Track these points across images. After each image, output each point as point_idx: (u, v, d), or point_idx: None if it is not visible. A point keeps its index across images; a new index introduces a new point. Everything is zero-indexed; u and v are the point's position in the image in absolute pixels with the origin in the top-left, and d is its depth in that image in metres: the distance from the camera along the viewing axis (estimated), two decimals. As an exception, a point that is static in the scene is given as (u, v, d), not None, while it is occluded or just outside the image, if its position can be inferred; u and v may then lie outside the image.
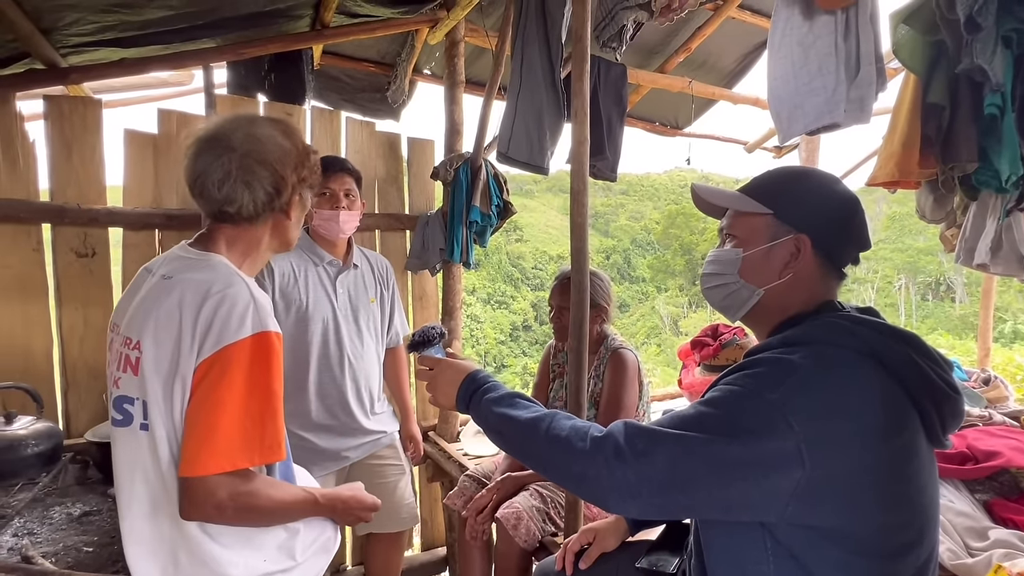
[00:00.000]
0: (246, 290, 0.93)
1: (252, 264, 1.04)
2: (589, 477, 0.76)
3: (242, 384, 0.88)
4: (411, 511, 1.95)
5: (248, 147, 0.96)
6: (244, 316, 0.89)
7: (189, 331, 0.89)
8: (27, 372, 1.94)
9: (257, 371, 0.89)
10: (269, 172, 0.98)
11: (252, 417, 0.88)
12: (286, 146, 1.00)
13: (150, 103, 2.55)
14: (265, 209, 0.99)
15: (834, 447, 0.71)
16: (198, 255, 0.98)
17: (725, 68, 3.21)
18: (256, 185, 0.97)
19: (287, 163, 0.99)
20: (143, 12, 1.68)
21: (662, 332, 28.36)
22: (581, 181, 1.41)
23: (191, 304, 0.90)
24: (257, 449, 0.89)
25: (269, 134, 0.99)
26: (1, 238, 1.92)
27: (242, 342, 0.88)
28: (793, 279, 0.86)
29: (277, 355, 0.92)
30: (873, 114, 1.16)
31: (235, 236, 1.01)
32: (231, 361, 0.87)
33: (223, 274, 0.94)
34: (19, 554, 1.32)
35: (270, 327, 0.92)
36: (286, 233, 1.06)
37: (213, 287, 0.91)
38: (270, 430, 0.90)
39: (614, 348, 1.83)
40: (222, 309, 0.89)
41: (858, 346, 0.77)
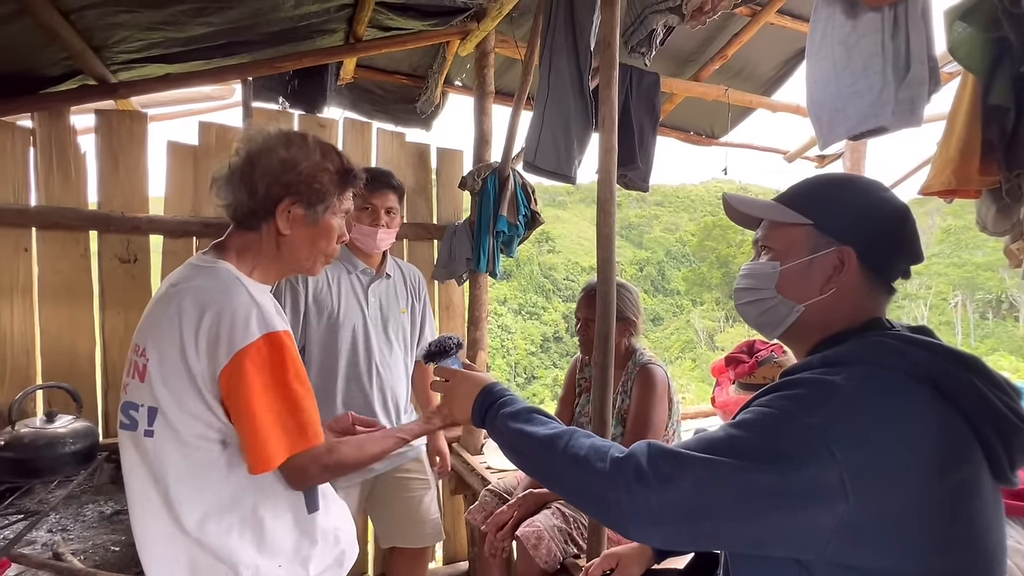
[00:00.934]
0: (246, 295, 0.93)
1: (263, 273, 1.03)
2: (609, 501, 0.71)
3: (263, 384, 0.89)
4: (436, 527, 1.91)
5: (242, 147, 1.00)
6: (248, 320, 0.90)
7: (191, 339, 0.89)
8: (71, 372, 2.03)
9: (276, 368, 0.91)
10: (249, 172, 0.98)
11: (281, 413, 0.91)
12: (276, 151, 0.99)
13: (193, 116, 2.67)
14: (252, 214, 0.99)
15: (882, 480, 0.64)
16: (207, 262, 0.99)
17: (763, 75, 3.11)
18: (236, 184, 0.98)
19: (266, 167, 0.98)
20: (186, 29, 1.75)
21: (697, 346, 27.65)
22: (608, 191, 1.37)
23: (190, 312, 0.90)
24: (298, 437, 0.93)
25: (274, 141, 1.00)
26: (53, 244, 2.02)
27: (252, 346, 0.89)
28: (836, 294, 0.79)
29: (290, 351, 0.93)
30: (925, 118, 1.07)
31: (244, 244, 1.01)
32: (246, 365, 0.88)
33: (223, 280, 0.94)
34: (51, 550, 1.36)
35: (277, 327, 0.93)
36: (293, 250, 1.02)
37: (212, 295, 0.92)
38: (301, 422, 0.93)
39: (643, 363, 1.76)
40: (226, 318, 0.89)
41: (911, 369, 0.70)
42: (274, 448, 0.90)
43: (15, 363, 1.99)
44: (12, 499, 1.55)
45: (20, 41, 1.61)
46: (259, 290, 0.98)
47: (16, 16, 1.47)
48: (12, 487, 1.56)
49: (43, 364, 2.03)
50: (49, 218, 2.00)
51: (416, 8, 2.14)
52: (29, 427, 1.62)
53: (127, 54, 1.85)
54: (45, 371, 2.03)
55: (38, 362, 2.03)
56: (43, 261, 2.01)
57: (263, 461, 0.90)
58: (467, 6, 2.19)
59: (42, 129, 2.00)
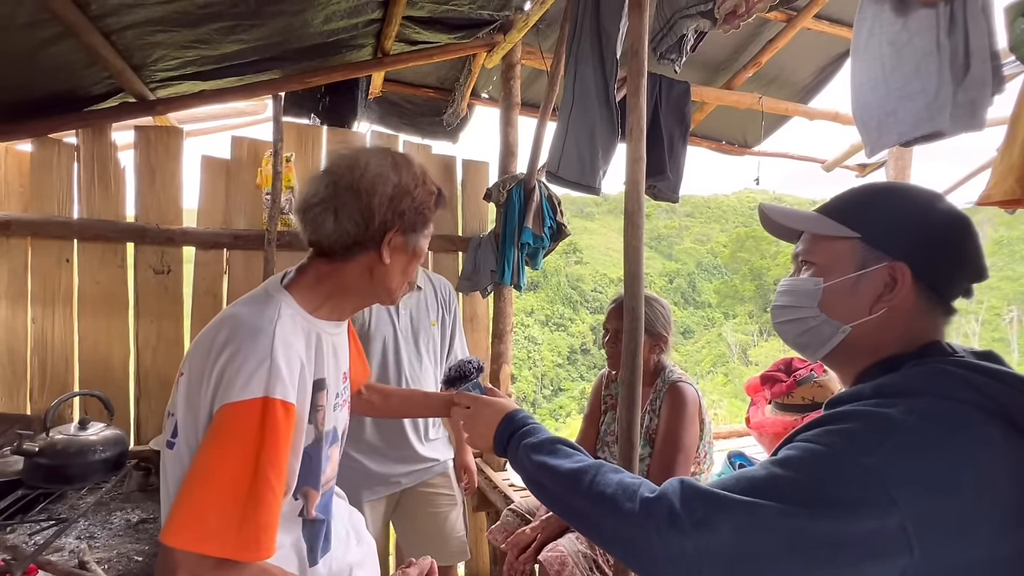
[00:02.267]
0: (267, 346, 0.81)
1: (335, 308, 0.94)
2: (639, 546, 0.65)
3: (233, 456, 0.76)
4: (461, 545, 1.87)
5: (343, 173, 0.89)
6: (252, 375, 0.79)
7: (209, 371, 0.82)
8: (106, 380, 2.09)
9: (253, 446, 0.77)
10: (356, 201, 0.87)
11: (236, 501, 0.75)
12: (386, 175, 0.90)
13: (227, 131, 2.75)
14: (354, 243, 0.89)
15: (951, 530, 0.57)
16: (272, 291, 0.91)
17: (800, 82, 3.01)
18: (343, 213, 0.87)
19: (379, 194, 0.88)
20: (219, 47, 1.80)
21: (729, 361, 26.90)
22: (637, 202, 1.32)
23: (219, 344, 0.82)
24: (229, 541, 0.74)
25: (373, 161, 0.90)
26: (92, 255, 2.10)
27: (243, 404, 0.77)
28: (888, 315, 0.72)
29: (279, 432, 0.79)
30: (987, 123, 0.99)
31: (325, 273, 0.93)
32: (229, 422, 0.77)
33: (263, 317, 0.85)
34: (77, 558, 1.38)
35: (279, 395, 0.79)
36: (386, 279, 0.92)
37: (238, 333, 0.82)
38: (250, 522, 0.75)
39: (672, 381, 1.68)
40: (235, 362, 0.79)
41: (980, 401, 0.62)
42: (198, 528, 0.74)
43: (55, 370, 2.07)
44: (44, 505, 1.58)
45: (66, 62, 1.68)
46: (299, 339, 0.87)
47: (62, 38, 1.54)
48: (44, 492, 1.59)
49: (80, 371, 2.09)
50: (90, 230, 2.07)
51: (443, 21, 2.15)
52: (63, 434, 1.66)
53: (164, 72, 1.92)
54: (82, 379, 2.09)
55: (76, 369, 2.09)
56: (83, 272, 2.09)
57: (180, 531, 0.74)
58: (493, 18, 2.19)
59: (86, 145, 2.08)
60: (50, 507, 1.58)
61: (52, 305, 2.06)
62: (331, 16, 1.83)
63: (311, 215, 0.89)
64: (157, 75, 1.93)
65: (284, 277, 0.95)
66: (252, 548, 0.76)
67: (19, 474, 1.59)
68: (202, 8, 1.56)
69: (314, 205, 0.89)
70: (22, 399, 2.04)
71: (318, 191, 0.89)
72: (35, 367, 2.05)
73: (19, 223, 2.00)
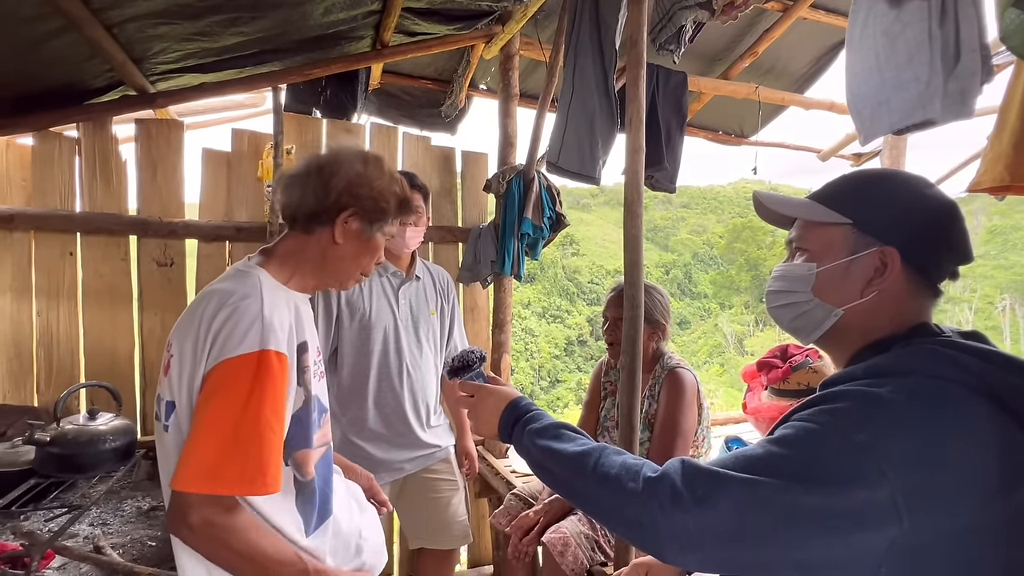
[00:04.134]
0: (257, 305, 0.89)
1: (301, 281, 1.03)
2: (643, 524, 0.68)
3: (233, 402, 0.83)
4: (463, 529, 1.92)
5: (323, 160, 1.02)
6: (248, 331, 0.87)
7: (202, 339, 0.88)
8: (112, 372, 2.11)
9: (251, 391, 0.84)
10: (320, 179, 0.99)
11: (238, 441, 0.83)
12: (354, 166, 1.01)
13: (227, 124, 2.75)
14: (311, 217, 1.00)
15: (939, 501, 0.60)
16: (245, 267, 0.99)
17: (796, 72, 3.02)
18: (308, 188, 1.00)
19: (340, 177, 0.99)
20: (219, 39, 1.81)
21: (726, 351, 27.05)
22: (635, 192, 1.35)
23: (208, 313, 0.90)
24: (235, 478, 0.83)
25: (349, 155, 1.03)
26: (95, 249, 2.11)
27: (240, 358, 0.85)
28: (878, 298, 0.74)
29: (275, 378, 0.87)
30: (976, 111, 1.01)
31: (291, 249, 1.03)
32: (226, 376, 0.85)
33: (247, 285, 0.93)
34: (92, 544, 1.41)
35: (273, 346, 0.87)
36: (337, 261, 1.02)
37: (229, 298, 0.90)
38: (253, 459, 0.83)
39: (671, 367, 1.72)
40: (229, 322, 0.88)
41: (966, 379, 0.65)
42: (211, 471, 0.81)
43: (61, 362, 2.09)
44: (57, 493, 1.61)
45: (67, 55, 1.68)
46: (281, 302, 0.95)
47: (64, 31, 1.54)
48: (57, 482, 1.62)
49: (86, 363, 2.11)
50: (93, 223, 2.08)
51: (441, 12, 2.16)
52: (73, 424, 1.69)
53: (165, 65, 1.92)
54: (88, 370, 2.11)
55: (82, 362, 2.11)
56: (87, 265, 2.10)
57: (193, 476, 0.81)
58: (492, 9, 2.20)
59: (87, 138, 2.09)
60: (62, 495, 1.61)
61: (56, 298, 2.08)
62: (331, 8, 1.83)
63: (284, 183, 1.03)
64: (158, 68, 1.93)
65: (250, 259, 1.03)
66: (258, 483, 0.83)
67: (31, 463, 1.62)
68: (203, 1, 1.57)
69: (290, 175, 1.03)
70: (29, 391, 2.06)
71: (297, 169, 1.03)
72: (41, 360, 2.07)
73: (22, 217, 2.01)
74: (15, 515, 1.49)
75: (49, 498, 1.58)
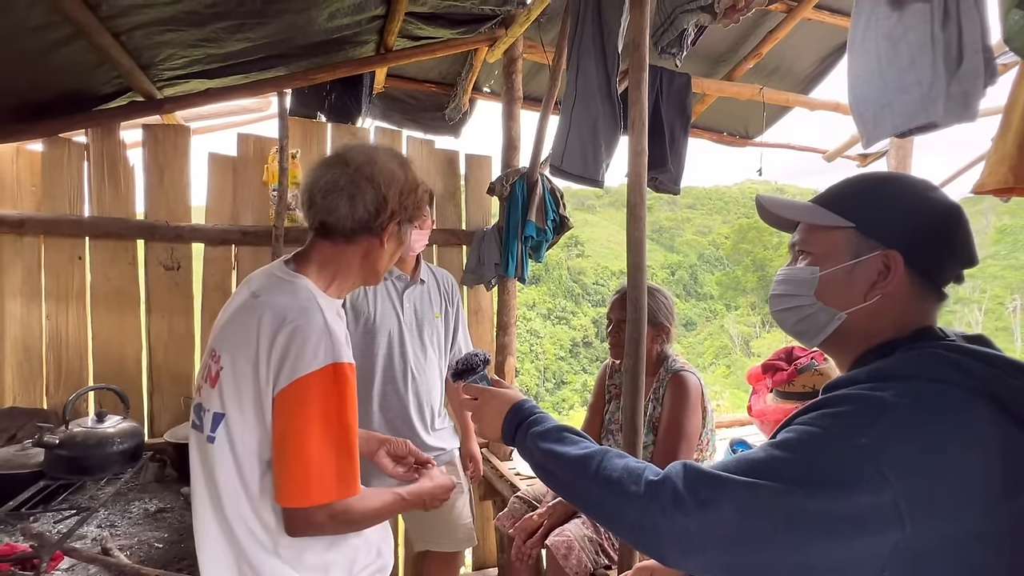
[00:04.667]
0: (320, 319, 0.92)
1: (339, 287, 1.04)
2: (645, 527, 0.68)
3: (319, 416, 0.89)
4: (468, 531, 1.92)
5: (361, 164, 0.99)
6: (317, 347, 0.90)
7: (265, 357, 0.90)
8: (120, 375, 2.13)
9: (332, 403, 0.90)
10: (373, 190, 0.98)
11: (329, 453, 0.90)
12: (397, 173, 1.01)
13: (233, 128, 2.77)
14: (362, 228, 0.99)
15: (941, 506, 0.60)
16: (288, 276, 0.99)
17: (800, 73, 3.01)
18: (359, 200, 0.97)
19: (393, 187, 0.99)
20: (225, 45, 1.82)
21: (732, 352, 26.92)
22: (639, 194, 1.35)
23: (268, 329, 0.91)
24: (334, 486, 0.91)
25: (385, 159, 1.02)
26: (104, 253, 2.14)
27: (315, 374, 0.89)
28: (882, 301, 0.74)
29: (351, 386, 0.93)
30: (979, 112, 1.01)
31: (329, 256, 1.01)
32: (306, 393, 0.88)
33: (302, 299, 0.94)
34: (100, 545, 1.42)
35: (343, 358, 0.92)
36: (377, 261, 1.04)
37: (289, 314, 0.91)
38: (346, 466, 0.92)
39: (675, 370, 1.72)
40: (297, 339, 0.89)
41: (969, 384, 0.64)
42: (318, 486, 0.89)
43: (70, 365, 2.11)
44: (66, 495, 1.63)
45: (76, 62, 1.70)
46: (333, 313, 0.97)
47: (73, 39, 1.56)
48: (66, 483, 1.64)
49: (94, 366, 2.14)
50: (101, 228, 2.11)
51: (445, 17, 2.17)
52: (81, 426, 1.71)
53: (171, 71, 1.94)
54: (96, 373, 2.13)
55: (90, 364, 2.14)
56: (95, 268, 2.13)
57: (302, 495, 0.89)
58: (495, 13, 2.21)
59: (95, 144, 2.11)
60: (71, 497, 1.63)
61: (66, 302, 2.11)
62: (335, 13, 1.85)
63: (328, 199, 0.97)
64: (165, 74, 1.95)
65: (286, 265, 1.02)
66: (353, 486, 0.93)
67: (41, 466, 1.64)
68: (209, 7, 1.58)
69: (331, 191, 0.97)
70: (39, 394, 2.09)
71: (337, 179, 0.97)
72: (50, 362, 2.09)
73: (32, 222, 2.04)
74: (25, 517, 1.50)
75: (58, 500, 1.60)
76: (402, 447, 1.27)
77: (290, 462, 0.89)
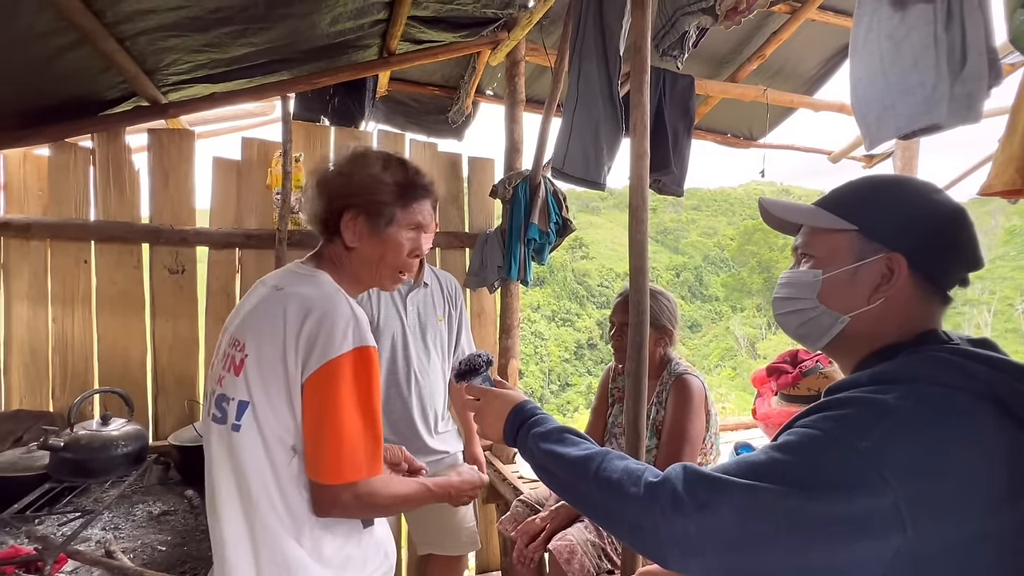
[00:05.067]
0: (347, 306, 0.96)
1: (350, 285, 1.07)
2: (644, 529, 0.68)
3: (350, 397, 0.92)
4: (471, 535, 1.92)
5: (318, 170, 1.07)
6: (346, 331, 0.93)
7: (293, 343, 0.92)
8: (125, 378, 2.14)
9: (361, 384, 0.93)
10: (319, 190, 1.04)
11: (357, 432, 0.93)
12: (342, 168, 1.04)
13: (237, 132, 2.79)
14: (323, 222, 1.04)
15: (944, 509, 0.59)
16: (308, 271, 1.03)
17: (805, 74, 3.00)
18: (313, 202, 1.05)
19: (334, 183, 1.03)
20: (229, 50, 1.84)
21: (737, 354, 26.79)
22: (641, 197, 1.34)
23: (294, 316, 0.94)
24: (362, 464, 0.94)
25: (341, 159, 1.06)
26: (109, 256, 2.15)
27: (345, 356, 0.92)
28: (885, 304, 0.73)
29: (376, 369, 0.96)
30: (985, 113, 1.00)
31: (334, 255, 1.06)
32: (337, 374, 0.91)
33: (326, 290, 0.98)
34: (104, 548, 1.43)
35: (369, 342, 0.95)
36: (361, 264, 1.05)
37: (316, 302, 0.95)
38: (371, 447, 0.95)
39: (678, 373, 1.71)
40: (325, 324, 0.93)
41: (973, 387, 0.64)
42: (350, 463, 0.92)
43: (75, 368, 2.12)
44: (70, 497, 1.63)
45: (82, 67, 1.72)
46: (354, 302, 1.01)
47: (78, 45, 1.58)
48: (70, 486, 1.65)
49: (100, 369, 2.15)
50: (106, 232, 2.12)
51: (447, 20, 2.17)
52: (86, 429, 1.71)
53: (176, 76, 1.96)
54: (101, 376, 2.15)
55: (95, 367, 2.15)
56: (101, 272, 2.14)
57: (335, 472, 0.92)
58: (497, 16, 2.21)
59: (101, 149, 2.13)
60: (75, 500, 1.64)
61: (72, 305, 2.12)
62: (338, 18, 1.86)
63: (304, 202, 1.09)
64: (169, 79, 1.97)
65: (304, 263, 1.07)
66: (377, 465, 0.96)
67: (46, 468, 1.65)
68: (212, 13, 1.60)
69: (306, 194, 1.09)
70: (44, 396, 2.10)
71: (307, 184, 1.09)
72: (56, 365, 2.11)
73: (39, 226, 2.06)
74: (30, 519, 1.51)
75: (63, 502, 1.61)
76: (397, 453, 1.27)
77: (325, 441, 0.92)
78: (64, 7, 1.36)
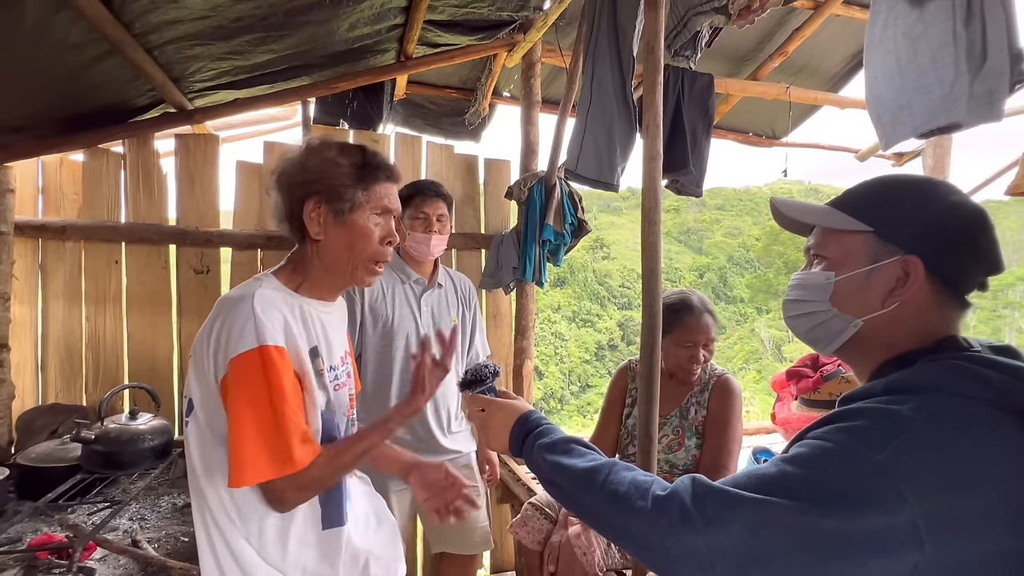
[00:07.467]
0: (248, 306, 0.94)
1: (313, 287, 1.06)
2: (652, 543, 0.66)
3: (248, 399, 0.90)
4: (485, 535, 1.93)
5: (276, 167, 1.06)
6: (243, 331, 0.91)
7: (207, 343, 0.95)
8: (153, 374, 2.22)
9: (259, 384, 0.91)
10: (277, 187, 1.03)
11: (262, 432, 0.90)
12: (296, 159, 1.03)
13: (260, 136, 2.87)
14: (289, 218, 1.03)
15: (963, 526, 0.57)
16: (261, 275, 1.05)
17: (829, 71, 2.92)
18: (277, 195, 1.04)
19: (291, 176, 1.02)
20: (251, 57, 1.89)
21: (763, 357, 26.18)
22: (653, 200, 1.34)
23: (210, 319, 0.97)
24: (269, 465, 0.91)
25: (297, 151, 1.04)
26: (138, 257, 2.23)
27: (243, 356, 0.90)
28: (901, 309, 0.71)
29: (276, 369, 0.92)
30: (1009, 112, 0.96)
31: (298, 257, 1.07)
32: (236, 375, 0.91)
33: (246, 290, 0.98)
34: (130, 537, 1.49)
35: (270, 341, 0.92)
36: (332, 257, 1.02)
37: (225, 304, 0.96)
38: (279, 445, 0.91)
39: (718, 374, 1.76)
40: (226, 325, 0.93)
41: (994, 398, 0.61)
42: (252, 466, 0.89)
43: (106, 364, 2.21)
44: (100, 488, 1.71)
45: (113, 77, 1.79)
46: (279, 303, 0.98)
47: (109, 55, 1.64)
48: (100, 477, 1.72)
49: (129, 365, 2.24)
50: (136, 233, 2.21)
51: (463, 24, 2.19)
52: (115, 423, 1.79)
53: (201, 83, 2.02)
54: (131, 372, 2.24)
55: (125, 364, 2.24)
56: (130, 272, 2.23)
57: (238, 475, 0.89)
58: (512, 19, 2.22)
59: (131, 154, 2.22)
60: (105, 491, 1.71)
61: (103, 304, 2.21)
62: (355, 23, 1.89)
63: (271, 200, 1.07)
64: (195, 86, 2.03)
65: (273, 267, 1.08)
66: (288, 465, 0.91)
67: (78, 460, 1.73)
68: (235, 22, 1.64)
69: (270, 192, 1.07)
70: (78, 391, 2.20)
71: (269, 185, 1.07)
72: (89, 362, 2.20)
73: (74, 228, 2.15)
74: (63, 508, 1.59)
75: (93, 493, 1.68)
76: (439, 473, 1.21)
77: (231, 443, 0.91)
78: (95, 19, 1.42)
